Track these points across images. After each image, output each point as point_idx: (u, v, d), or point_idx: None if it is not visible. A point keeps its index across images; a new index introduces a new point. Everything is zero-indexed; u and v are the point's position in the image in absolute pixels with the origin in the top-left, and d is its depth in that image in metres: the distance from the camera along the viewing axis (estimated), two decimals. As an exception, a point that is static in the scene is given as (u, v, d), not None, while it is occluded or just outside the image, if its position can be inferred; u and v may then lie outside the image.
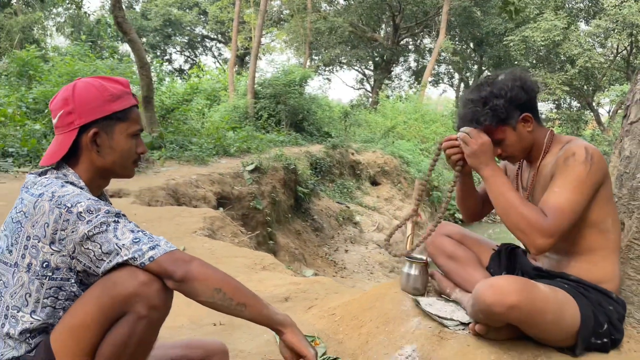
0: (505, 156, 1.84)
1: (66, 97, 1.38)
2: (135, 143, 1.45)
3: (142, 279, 1.24)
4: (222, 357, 1.72)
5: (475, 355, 1.68)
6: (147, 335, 1.28)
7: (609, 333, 1.68)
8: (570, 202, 1.60)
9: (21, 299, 1.29)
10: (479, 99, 1.76)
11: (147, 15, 30.71)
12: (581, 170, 1.62)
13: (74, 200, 1.26)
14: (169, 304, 1.31)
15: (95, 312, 1.23)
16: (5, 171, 6.34)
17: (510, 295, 1.53)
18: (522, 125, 1.77)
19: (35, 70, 11.89)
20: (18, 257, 1.29)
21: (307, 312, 2.42)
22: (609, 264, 1.72)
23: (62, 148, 1.37)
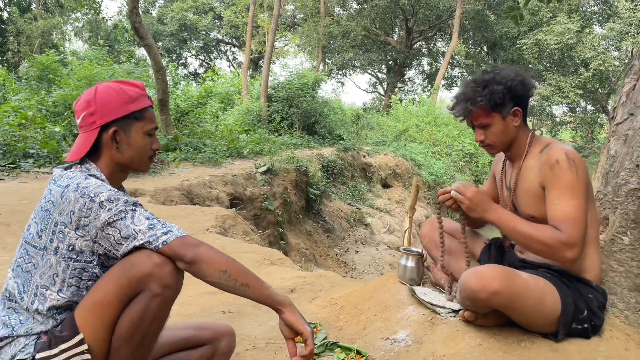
0: (487, 144, 1.94)
1: (89, 100, 1.54)
2: (150, 140, 1.61)
3: (156, 260, 1.39)
4: (229, 339, 1.87)
5: (463, 339, 1.81)
6: (160, 311, 1.42)
7: (589, 319, 1.80)
8: (575, 208, 1.72)
9: (49, 279, 1.45)
10: (481, 81, 1.89)
11: (163, 20, 31.16)
12: (570, 176, 1.74)
13: (96, 191, 1.42)
14: (180, 283, 1.45)
15: (115, 290, 1.39)
16: (26, 172, 6.58)
17: (493, 282, 1.66)
18: (511, 117, 1.89)
19: (55, 74, 12.20)
20: (47, 242, 1.45)
21: (311, 302, 2.56)
22: (589, 255, 1.84)
23: (85, 145, 1.53)
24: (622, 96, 2.23)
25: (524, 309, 1.72)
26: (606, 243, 2.05)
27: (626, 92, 2.22)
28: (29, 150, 7.20)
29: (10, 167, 6.59)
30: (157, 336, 1.48)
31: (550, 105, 25.88)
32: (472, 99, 1.87)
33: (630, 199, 1.96)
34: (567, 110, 29.32)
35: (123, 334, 1.40)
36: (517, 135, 1.93)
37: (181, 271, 1.45)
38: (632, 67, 2.25)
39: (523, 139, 1.94)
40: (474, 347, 1.76)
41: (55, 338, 1.40)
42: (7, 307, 1.48)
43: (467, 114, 1.92)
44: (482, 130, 1.92)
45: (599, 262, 1.89)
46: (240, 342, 2.06)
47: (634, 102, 2.13)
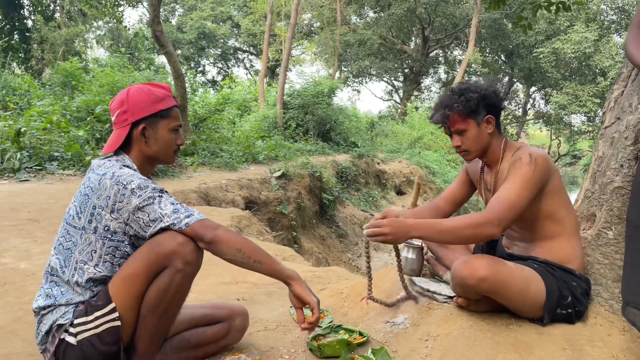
0: (462, 149, 2.11)
1: (122, 99, 1.76)
2: (175, 136, 1.82)
3: (179, 240, 1.60)
4: (243, 318, 2.07)
5: (456, 322, 1.97)
6: (183, 285, 1.63)
7: (572, 305, 1.95)
8: (517, 195, 1.88)
9: (88, 255, 1.66)
10: (457, 89, 2.08)
11: (183, 28, 31.77)
12: (527, 170, 1.92)
13: (129, 179, 1.63)
14: (199, 260, 1.66)
15: (144, 265, 1.60)
16: (51, 173, 6.88)
17: (481, 270, 1.83)
18: (485, 124, 2.07)
19: (78, 80, 12.58)
20: (85, 222, 1.66)
21: (320, 292, 2.74)
22: (569, 247, 2.01)
23: (118, 139, 1.75)
24: (610, 102, 2.38)
25: (510, 294, 1.88)
26: (593, 238, 2.20)
27: (614, 98, 2.37)
28: (53, 153, 7.51)
29: (36, 169, 6.90)
30: (179, 307, 1.68)
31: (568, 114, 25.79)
32: (449, 105, 2.05)
33: (615, 196, 2.12)
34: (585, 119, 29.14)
35: (150, 303, 1.60)
36: (491, 142, 2.10)
37: (201, 250, 1.65)
38: (621, 74, 2.40)
39: (497, 145, 2.11)
40: (466, 329, 1.92)
41: (91, 307, 1.61)
42: (50, 281, 1.70)
43: (445, 120, 2.09)
44: (459, 136, 2.09)
45: (581, 252, 2.05)
46: (253, 325, 2.24)
47: (621, 107, 2.28)
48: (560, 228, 2.01)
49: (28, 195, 5.30)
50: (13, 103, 10.83)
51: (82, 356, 1.60)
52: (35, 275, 2.90)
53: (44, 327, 1.65)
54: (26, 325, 2.21)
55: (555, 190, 1.99)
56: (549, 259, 2.01)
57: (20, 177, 6.45)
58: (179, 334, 1.95)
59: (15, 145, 7.09)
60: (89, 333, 1.59)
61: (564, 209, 2.00)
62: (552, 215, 2.00)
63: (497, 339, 1.88)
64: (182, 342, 1.93)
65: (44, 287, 1.70)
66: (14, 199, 5.04)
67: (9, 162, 6.68)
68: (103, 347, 1.59)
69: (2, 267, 3.01)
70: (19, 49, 20.06)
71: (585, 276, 2.05)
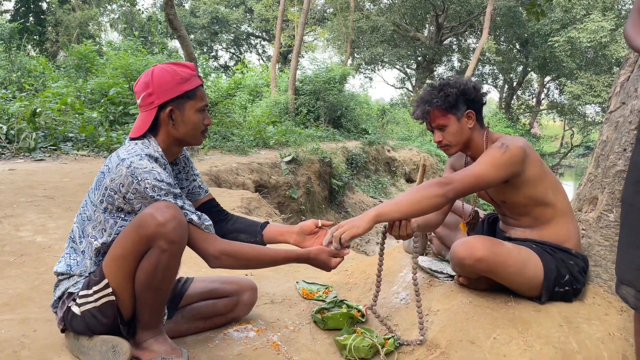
0: (444, 144, 2.14)
1: (147, 82, 1.73)
2: (202, 116, 1.79)
3: (159, 220, 1.56)
4: (252, 293, 2.14)
5: (456, 298, 2.03)
6: (170, 264, 1.63)
7: (570, 283, 2.00)
8: (480, 170, 1.93)
9: (99, 232, 1.71)
10: (437, 85, 2.13)
11: (196, 12, 31.75)
12: (495, 153, 1.96)
13: (144, 176, 1.62)
14: (184, 236, 1.64)
15: (129, 246, 1.60)
16: (66, 153, 7.01)
17: (478, 250, 1.88)
18: (465, 119, 2.10)
19: (92, 63, 12.70)
20: (97, 200, 1.70)
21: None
22: (564, 227, 2.06)
23: (145, 123, 1.74)
24: (616, 86, 2.40)
25: (508, 274, 1.94)
26: (594, 220, 2.24)
27: (620, 83, 2.39)
28: (68, 134, 7.64)
29: (51, 149, 7.03)
30: (172, 282, 1.70)
31: (582, 104, 25.50)
32: (429, 101, 2.09)
33: (617, 179, 2.15)
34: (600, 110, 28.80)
35: (142, 283, 1.63)
36: (473, 136, 2.13)
37: (184, 225, 1.62)
38: (628, 59, 2.42)
39: (479, 139, 2.14)
40: (465, 304, 1.98)
41: (92, 281, 1.67)
42: (70, 247, 1.78)
43: (425, 116, 2.13)
44: (440, 131, 2.12)
45: (576, 231, 2.10)
46: (260, 298, 2.32)
47: (626, 92, 2.30)
48: (552, 211, 2.06)
49: (43, 174, 5.42)
50: (28, 84, 10.98)
51: (86, 326, 1.67)
52: (52, 248, 3.00)
53: (58, 292, 1.74)
54: (43, 293, 2.31)
55: (537, 176, 2.02)
56: (546, 239, 2.06)
57: (36, 156, 6.58)
58: (191, 305, 2.03)
59: (31, 125, 7.22)
60: (91, 305, 1.65)
61: (552, 192, 2.04)
62: (541, 201, 2.05)
63: (496, 315, 1.94)
64: (193, 312, 2.02)
65: (65, 250, 1.79)
66: (30, 177, 5.16)
67: (24, 141, 6.82)
68: (104, 319, 1.66)
69: (20, 240, 3.12)
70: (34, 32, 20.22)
71: (582, 254, 2.10)
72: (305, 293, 2.42)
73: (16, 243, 3.06)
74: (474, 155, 2.18)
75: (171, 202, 1.63)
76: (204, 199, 2.04)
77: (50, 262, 2.72)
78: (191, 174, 2.00)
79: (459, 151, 2.19)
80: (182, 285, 2.05)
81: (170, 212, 1.58)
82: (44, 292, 2.32)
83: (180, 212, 1.62)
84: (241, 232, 2.02)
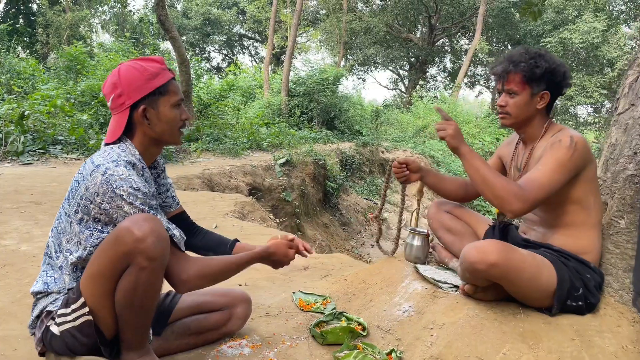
0: (505, 111, 2.04)
1: (114, 82, 1.62)
2: (178, 111, 1.68)
3: (137, 235, 1.42)
4: (245, 305, 2.02)
5: (462, 310, 1.93)
6: (151, 281, 1.49)
7: (584, 297, 1.90)
8: (549, 178, 1.83)
9: (74, 245, 1.59)
10: (533, 52, 2.01)
11: (188, 14, 31.57)
12: (564, 154, 1.86)
13: (119, 184, 1.50)
14: (166, 251, 1.49)
15: (106, 264, 1.48)
16: (55, 157, 6.86)
17: (491, 254, 1.77)
18: (538, 98, 2.01)
19: (82, 65, 12.51)
20: (72, 211, 1.57)
21: (323, 279, 2.71)
22: (589, 237, 1.96)
23: (119, 126, 1.62)
24: (624, 87, 2.31)
25: (520, 281, 1.83)
26: (604, 226, 2.14)
27: (629, 84, 2.30)
28: (57, 137, 7.48)
29: (40, 153, 6.87)
30: (155, 300, 1.56)
31: (574, 105, 25.56)
32: (516, 62, 1.98)
33: (628, 184, 2.06)
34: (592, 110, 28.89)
35: (121, 302, 1.49)
36: (535, 117, 2.04)
37: (165, 239, 1.49)
38: (636, 59, 2.33)
39: (540, 123, 2.04)
40: (472, 317, 1.88)
41: (70, 299, 1.55)
42: (47, 263, 1.65)
43: (504, 75, 2.01)
44: (509, 96, 2.02)
45: (599, 245, 2.00)
46: (255, 310, 2.21)
47: (636, 93, 2.21)
48: (584, 217, 1.95)
49: (31, 178, 5.28)
50: (18, 87, 10.79)
51: (66, 347, 1.55)
52: (36, 258, 2.87)
53: (36, 310, 1.61)
54: (25, 307, 2.19)
55: (590, 178, 1.93)
56: (565, 247, 1.95)
57: (24, 160, 6.42)
58: (181, 320, 1.91)
59: (19, 128, 7.06)
60: (69, 325, 1.53)
61: (593, 198, 1.94)
62: (580, 202, 1.94)
63: (504, 328, 1.83)
64: (183, 328, 1.90)
65: (42, 268, 1.66)
66: (17, 182, 5.01)
67: (12, 145, 6.65)
68: (84, 339, 1.54)
69: (3, 249, 2.99)
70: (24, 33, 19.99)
71: (600, 270, 2.00)
72: (302, 304, 2.31)
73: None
74: (527, 138, 2.10)
75: (150, 215, 1.50)
76: (176, 212, 1.93)
77: (34, 273, 2.59)
78: (164, 184, 1.89)
79: (514, 126, 2.09)
80: (171, 299, 1.93)
81: (148, 225, 1.44)
82: (26, 306, 2.20)
83: (160, 225, 1.48)
84: (210, 250, 1.96)
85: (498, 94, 2.12)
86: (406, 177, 2.30)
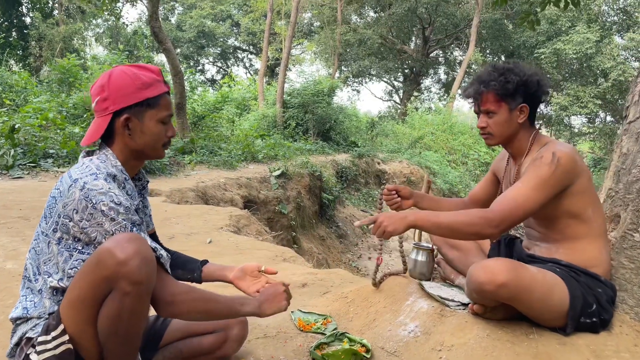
0: (487, 132, 1.98)
1: (103, 85, 1.51)
2: (165, 128, 1.58)
3: (120, 258, 1.30)
4: (241, 327, 1.90)
5: (472, 330, 1.82)
6: (136, 308, 1.37)
7: (597, 313, 1.80)
8: (525, 196, 1.76)
9: (53, 267, 1.47)
10: (500, 68, 1.93)
11: (182, 26, 31.60)
12: (545, 171, 1.78)
13: (99, 198, 1.39)
14: (151, 275, 1.37)
15: (87, 289, 1.35)
16: (46, 171, 6.72)
17: (500, 274, 1.67)
18: (517, 112, 1.93)
19: (75, 77, 12.43)
20: (49, 230, 1.46)
21: (322, 296, 2.59)
22: (595, 249, 1.86)
23: (98, 131, 1.51)
24: (634, 95, 2.23)
25: (531, 302, 1.73)
26: (617, 240, 2.05)
27: (639, 91, 2.22)
28: (48, 151, 7.35)
29: (30, 166, 6.74)
30: (141, 327, 1.45)
31: (569, 115, 25.64)
32: (486, 82, 1.91)
33: (642, 195, 1.97)
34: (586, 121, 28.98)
35: (104, 331, 1.38)
36: (519, 132, 1.97)
37: (151, 261, 1.38)
38: (646, 66, 2.25)
39: (525, 137, 1.97)
40: (482, 338, 1.77)
41: (50, 325, 1.42)
42: (26, 287, 1.53)
43: (477, 96, 1.95)
44: (487, 117, 1.95)
45: (608, 257, 1.90)
46: (252, 331, 2.09)
47: (647, 101, 2.13)
48: (586, 229, 1.85)
49: (20, 193, 5.14)
50: (9, 100, 10.67)
51: None
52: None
53: (15, 337, 1.49)
54: (7, 330, 2.05)
55: (582, 190, 1.84)
56: (572, 262, 1.85)
57: (14, 174, 6.29)
58: (172, 344, 1.79)
59: (9, 142, 6.93)
60: (49, 354, 1.40)
61: (591, 209, 1.85)
62: (578, 215, 1.85)
63: (517, 349, 1.73)
64: (175, 352, 1.78)
65: (20, 293, 1.54)
66: (6, 196, 4.88)
67: (2, 158, 6.53)
68: None
69: (-13, 267, 2.86)
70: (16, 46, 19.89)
71: (610, 282, 1.90)
72: (301, 324, 2.19)
73: (-17, 271, 2.80)
74: (515, 154, 2.01)
75: (134, 234, 1.38)
76: (149, 232, 1.81)
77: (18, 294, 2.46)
78: (146, 199, 1.78)
79: (500, 144, 2.01)
80: (162, 322, 1.81)
81: (132, 247, 1.32)
82: (7, 330, 2.06)
83: (145, 245, 1.36)
84: (179, 268, 1.84)
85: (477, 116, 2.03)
86: (398, 204, 2.20)
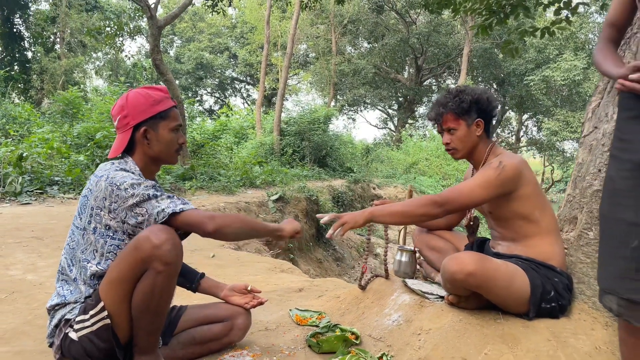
0: (451, 147, 2.29)
1: (122, 105, 1.86)
2: (176, 135, 1.91)
3: (155, 242, 1.61)
4: (245, 316, 2.17)
5: (447, 317, 2.08)
6: (166, 285, 1.67)
7: (556, 299, 2.07)
8: (470, 189, 2.09)
9: (90, 254, 1.76)
10: (454, 91, 2.28)
11: (181, 59, 32.31)
12: (490, 174, 2.11)
13: (121, 180, 1.72)
14: (179, 258, 1.69)
15: (126, 269, 1.66)
16: (52, 197, 6.99)
17: (469, 264, 1.95)
18: (474, 127, 2.25)
19: (78, 108, 12.79)
20: (85, 223, 1.77)
21: (318, 298, 2.85)
22: (547, 245, 2.15)
23: (122, 144, 1.85)
24: (589, 112, 2.55)
25: (496, 289, 2.01)
26: (575, 239, 2.33)
27: (592, 109, 2.53)
28: (54, 178, 7.63)
29: (37, 193, 7.01)
30: (168, 304, 1.74)
31: (560, 140, 26.14)
32: (444, 104, 2.26)
33: (594, 198, 2.26)
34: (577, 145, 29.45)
35: (139, 306, 1.67)
36: (479, 145, 2.29)
37: (179, 247, 1.67)
38: (598, 87, 2.57)
39: (482, 149, 2.29)
40: (456, 322, 2.03)
41: (88, 305, 1.70)
42: (61, 280, 1.81)
43: (438, 117, 2.28)
44: (449, 134, 2.27)
45: (561, 250, 2.18)
46: (254, 325, 2.34)
47: (598, 117, 2.44)
48: (535, 228, 2.16)
49: (30, 217, 5.40)
50: (14, 131, 10.99)
51: (84, 352, 1.69)
52: (43, 285, 3.00)
53: (54, 320, 1.76)
54: (36, 327, 2.31)
55: (527, 195, 2.14)
56: (531, 256, 2.14)
57: (22, 200, 6.55)
58: (186, 330, 2.05)
59: (17, 169, 7.21)
60: (87, 330, 1.68)
61: (538, 212, 2.15)
62: (526, 217, 2.16)
63: (486, 331, 1.99)
64: (188, 338, 2.04)
65: (56, 286, 1.82)
66: (17, 220, 5.14)
67: (10, 186, 6.79)
68: (101, 343, 1.68)
69: (10, 278, 3.11)
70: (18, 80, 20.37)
71: (566, 272, 2.17)
72: (298, 319, 2.45)
73: (6, 281, 3.05)
74: (475, 164, 2.33)
75: (166, 226, 1.68)
76: None
77: (42, 299, 2.72)
78: None
79: (464, 157, 2.32)
80: (177, 312, 2.08)
81: (164, 234, 1.63)
82: (37, 326, 2.32)
83: (174, 234, 1.67)
84: (180, 276, 2.10)
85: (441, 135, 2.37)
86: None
